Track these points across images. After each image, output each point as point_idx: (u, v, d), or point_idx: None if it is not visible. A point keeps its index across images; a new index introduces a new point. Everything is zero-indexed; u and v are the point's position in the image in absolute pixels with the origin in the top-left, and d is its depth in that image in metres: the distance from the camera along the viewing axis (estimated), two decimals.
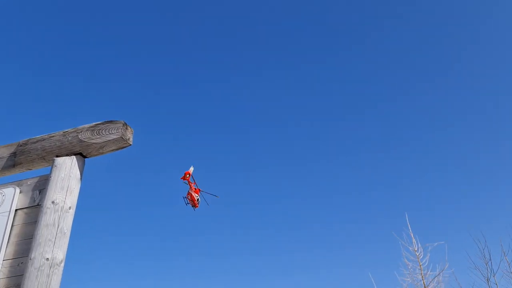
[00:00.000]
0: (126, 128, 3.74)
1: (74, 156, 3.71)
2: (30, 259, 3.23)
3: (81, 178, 3.71)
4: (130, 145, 3.81)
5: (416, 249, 12.16)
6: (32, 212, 3.60)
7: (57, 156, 3.71)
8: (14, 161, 3.89)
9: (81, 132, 3.74)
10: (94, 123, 3.77)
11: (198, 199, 16.07)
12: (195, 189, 16.27)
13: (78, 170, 3.69)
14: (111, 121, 3.72)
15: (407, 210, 12.88)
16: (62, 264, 3.31)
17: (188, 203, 16.44)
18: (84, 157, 3.79)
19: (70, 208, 3.51)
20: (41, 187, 3.67)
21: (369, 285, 12.49)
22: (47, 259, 3.22)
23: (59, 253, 3.30)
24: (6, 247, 3.46)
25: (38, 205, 3.59)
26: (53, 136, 3.82)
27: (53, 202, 3.44)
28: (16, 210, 3.65)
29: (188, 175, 16.51)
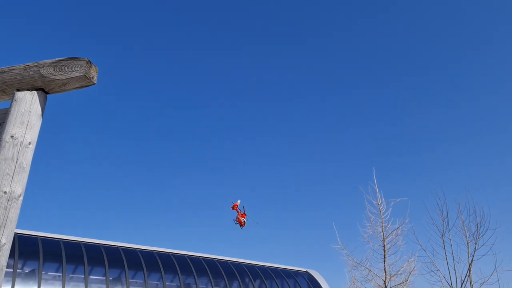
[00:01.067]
0: (90, 66, 3.65)
1: (35, 91, 3.64)
2: None
3: (42, 114, 3.66)
4: (94, 84, 3.74)
5: (379, 203, 12.66)
6: None
7: (17, 90, 3.63)
8: None
9: (43, 67, 3.64)
10: (56, 59, 3.67)
11: (244, 221, 22.83)
12: (242, 214, 23.05)
13: (39, 105, 3.63)
14: (74, 58, 3.62)
15: (375, 165, 13.28)
16: (21, 199, 3.33)
17: (236, 223, 23.12)
18: (46, 93, 3.72)
19: (30, 143, 3.48)
20: (0, 120, 3.61)
21: (332, 234, 13.05)
22: (5, 192, 3.24)
23: (18, 187, 3.32)
24: None
25: None
26: (13, 69, 3.71)
27: (12, 137, 3.41)
28: None
29: (236, 206, 23.21)
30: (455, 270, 12.06)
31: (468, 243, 12.20)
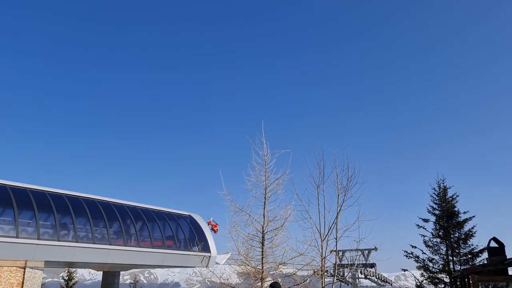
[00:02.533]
0: None
1: None
2: None
3: None
4: None
5: (265, 154, 13.18)
6: None
7: None
8: None
9: None
10: None
11: (217, 229, 30.33)
12: (214, 225, 30.28)
13: None
14: None
15: (264, 118, 13.68)
16: None
17: (211, 229, 30.63)
18: None
19: None
20: None
21: (218, 181, 13.37)
22: None
23: None
24: None
25: None
26: None
27: None
28: None
29: (210, 223, 30.40)
30: (325, 218, 13.29)
31: (338, 195, 13.44)
